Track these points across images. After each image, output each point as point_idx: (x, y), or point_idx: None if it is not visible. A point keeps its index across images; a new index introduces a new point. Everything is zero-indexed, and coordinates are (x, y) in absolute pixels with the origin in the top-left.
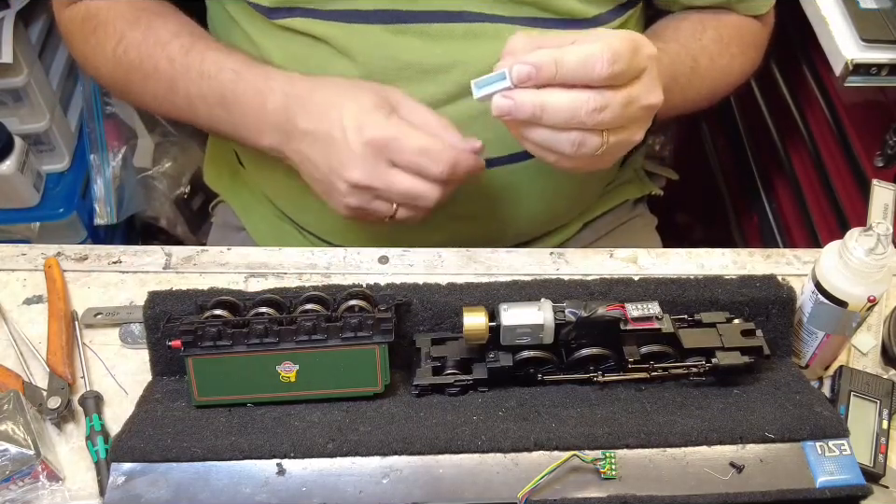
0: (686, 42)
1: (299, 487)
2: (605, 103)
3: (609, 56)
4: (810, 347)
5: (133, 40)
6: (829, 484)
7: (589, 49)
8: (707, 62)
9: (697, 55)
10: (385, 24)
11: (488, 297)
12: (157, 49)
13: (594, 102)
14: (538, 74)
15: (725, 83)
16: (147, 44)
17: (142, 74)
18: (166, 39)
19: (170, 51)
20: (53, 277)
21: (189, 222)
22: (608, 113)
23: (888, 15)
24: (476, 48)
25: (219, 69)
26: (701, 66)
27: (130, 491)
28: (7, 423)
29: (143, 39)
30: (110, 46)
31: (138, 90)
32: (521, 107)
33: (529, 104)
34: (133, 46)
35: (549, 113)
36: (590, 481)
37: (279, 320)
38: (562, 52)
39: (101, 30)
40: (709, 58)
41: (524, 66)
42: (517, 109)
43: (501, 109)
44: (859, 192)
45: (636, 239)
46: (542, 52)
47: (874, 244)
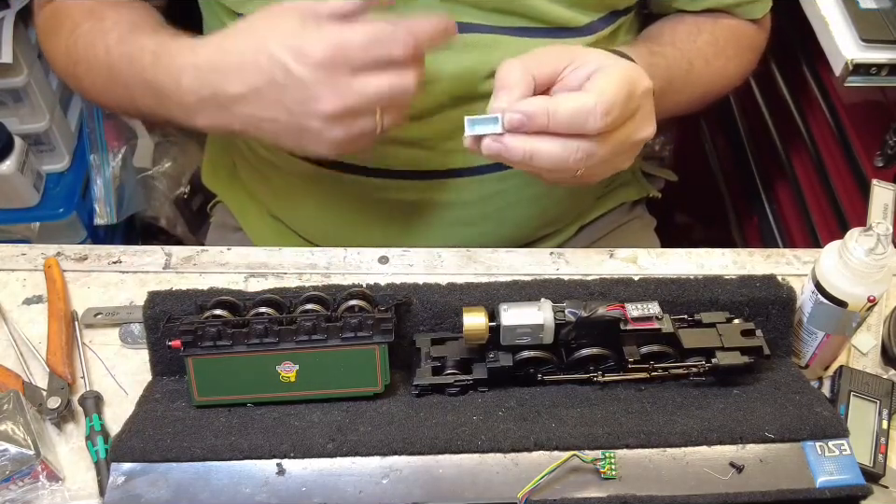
0: (682, 45)
1: (299, 487)
2: (594, 151)
3: (603, 109)
4: (810, 347)
5: (81, 31)
6: (829, 484)
7: (582, 101)
8: (702, 64)
9: (693, 58)
10: None
11: (488, 297)
12: (98, 38)
13: (582, 152)
14: (529, 123)
15: (720, 86)
16: (92, 33)
17: (86, 65)
18: (108, 28)
19: (109, 40)
20: (53, 277)
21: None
22: (595, 159)
23: (888, 15)
24: (468, 57)
25: (141, 52)
26: (696, 69)
27: (130, 491)
28: (7, 423)
29: (89, 29)
30: (63, 39)
31: (86, 83)
32: (511, 153)
33: (520, 150)
34: (81, 37)
35: (537, 160)
36: (590, 481)
37: (279, 320)
38: (555, 104)
39: (60, 23)
40: (704, 60)
41: (515, 115)
42: (507, 154)
43: (490, 151)
44: (859, 192)
45: (634, 241)
46: (535, 102)
47: (874, 244)
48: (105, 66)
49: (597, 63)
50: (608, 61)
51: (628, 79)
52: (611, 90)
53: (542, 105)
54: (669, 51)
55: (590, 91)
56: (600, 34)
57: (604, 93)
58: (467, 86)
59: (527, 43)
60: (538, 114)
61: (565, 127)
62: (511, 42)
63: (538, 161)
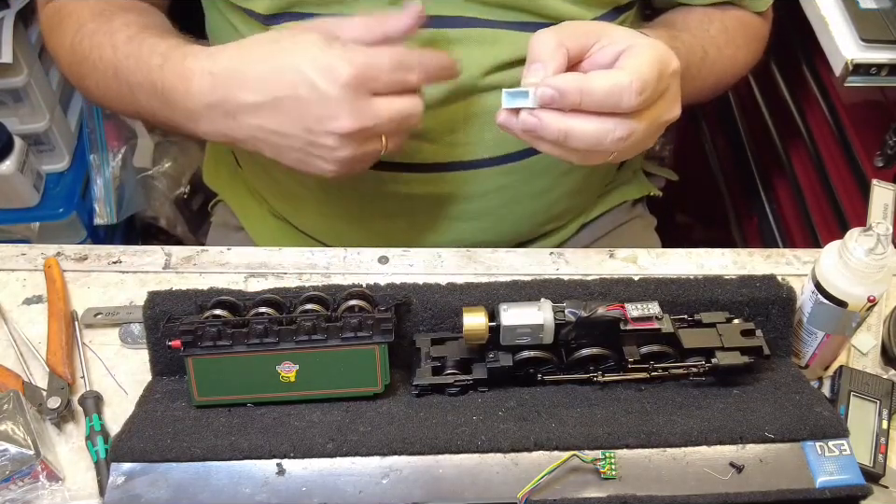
0: (696, 32)
1: (299, 487)
2: (630, 131)
3: (638, 87)
4: (810, 347)
5: (87, 30)
6: (829, 484)
7: (616, 78)
8: (715, 52)
9: (707, 45)
10: None
11: (488, 297)
12: (105, 39)
13: (619, 132)
14: (561, 99)
15: (731, 74)
16: (98, 33)
17: (90, 64)
18: (116, 28)
19: (115, 40)
20: (53, 277)
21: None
22: (631, 139)
23: (887, 15)
24: (471, 52)
25: (150, 54)
26: (710, 56)
27: (130, 491)
28: (7, 423)
29: (95, 29)
30: (68, 37)
31: (90, 82)
32: (546, 129)
33: (555, 128)
34: (86, 36)
35: (573, 139)
36: (590, 481)
37: (279, 320)
38: (589, 81)
39: (65, 22)
40: (717, 48)
41: (548, 90)
42: (542, 130)
43: (527, 126)
44: (859, 192)
45: (635, 240)
46: (568, 78)
47: (873, 244)
48: (111, 65)
49: (628, 41)
50: (638, 39)
51: (659, 58)
52: (644, 68)
53: (576, 83)
54: (686, 37)
55: (624, 68)
56: None
57: (638, 71)
58: (470, 80)
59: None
60: (570, 91)
61: (599, 104)
62: (514, 37)
63: (572, 141)
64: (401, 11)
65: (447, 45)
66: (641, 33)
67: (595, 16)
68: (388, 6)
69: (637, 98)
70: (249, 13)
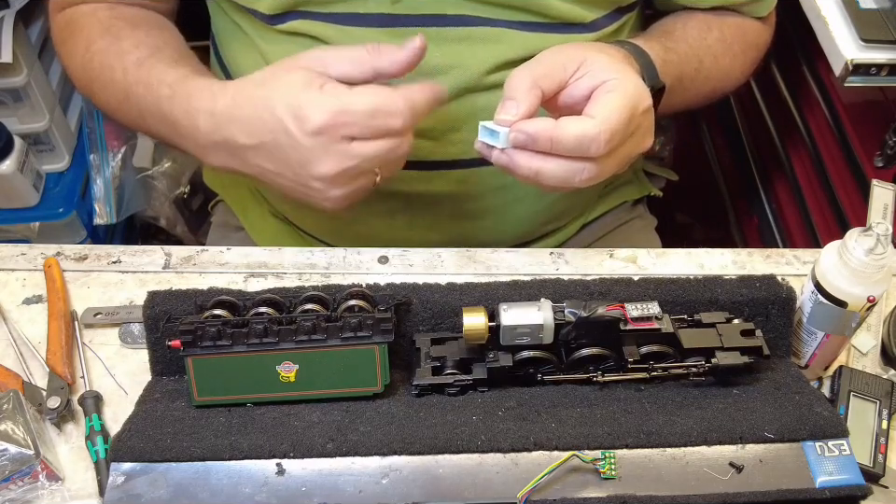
0: (693, 42)
1: (298, 487)
2: (598, 172)
3: (606, 137)
4: (810, 347)
5: (98, 49)
6: (828, 484)
7: (585, 128)
8: (710, 62)
9: (703, 56)
10: (384, 27)
11: (488, 297)
12: (116, 60)
13: (587, 173)
14: (533, 144)
15: (727, 83)
16: (109, 53)
17: (101, 83)
18: (127, 50)
19: (126, 63)
20: (53, 277)
21: (189, 222)
22: (598, 178)
23: (887, 15)
24: (474, 51)
25: (159, 84)
26: (705, 67)
27: (129, 491)
28: (7, 423)
29: (106, 48)
30: (79, 52)
31: (100, 98)
32: (517, 169)
33: (525, 168)
34: (97, 54)
35: (543, 178)
36: (589, 481)
37: (279, 320)
38: (560, 130)
39: (76, 35)
40: (713, 58)
41: (519, 135)
42: (514, 169)
43: (499, 163)
44: (858, 192)
45: (635, 240)
46: (540, 124)
47: (873, 244)
48: (122, 89)
49: (604, 75)
50: (614, 75)
51: (631, 101)
52: (614, 116)
53: (547, 130)
54: (682, 48)
55: (594, 115)
56: (605, 30)
57: (607, 120)
58: (472, 79)
59: (532, 38)
60: (541, 138)
61: (568, 152)
62: (515, 36)
63: (543, 180)
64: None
65: (450, 43)
66: (633, 44)
67: (596, 16)
68: (392, 4)
69: (605, 147)
70: (253, 13)
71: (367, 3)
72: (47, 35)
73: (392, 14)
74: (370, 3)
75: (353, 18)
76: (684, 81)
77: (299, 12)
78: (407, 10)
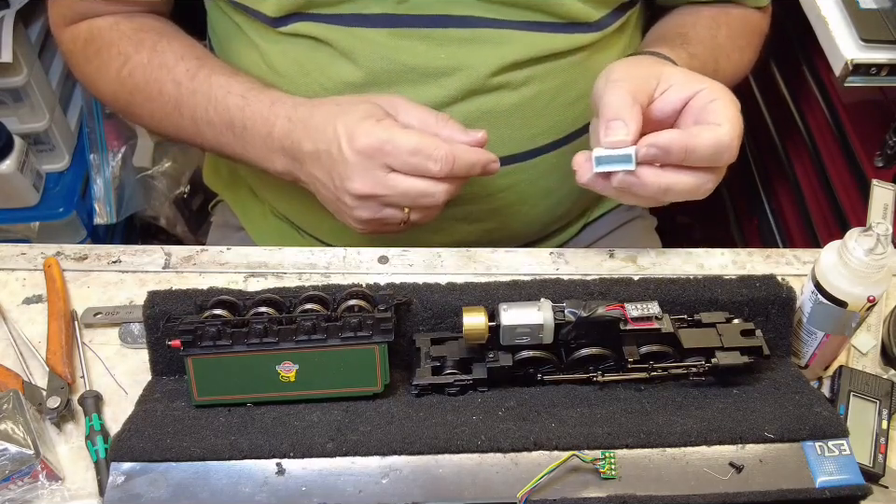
0: (708, 42)
1: (298, 487)
2: (718, 181)
3: (738, 143)
4: (810, 347)
5: (138, 62)
6: (828, 484)
7: (719, 136)
8: (724, 61)
9: (718, 55)
10: (389, 28)
11: (488, 297)
12: (162, 73)
13: (711, 184)
14: (665, 157)
15: (737, 77)
16: (152, 66)
17: (146, 96)
18: (172, 62)
19: (176, 75)
20: (53, 277)
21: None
22: (714, 187)
23: (887, 15)
24: (479, 52)
25: (226, 94)
26: (721, 67)
27: (129, 490)
28: (7, 422)
29: (148, 62)
30: (114, 67)
31: (142, 111)
32: (645, 189)
33: (654, 185)
34: (138, 68)
35: (671, 195)
36: (589, 481)
37: (279, 320)
38: (693, 139)
39: (105, 52)
40: (726, 56)
41: (652, 149)
42: (641, 189)
43: (625, 186)
44: (858, 192)
45: (635, 240)
46: (672, 136)
47: (873, 244)
48: (173, 99)
49: (693, 85)
50: (702, 83)
51: (737, 106)
52: (737, 121)
53: (681, 140)
54: (700, 51)
55: (722, 124)
56: (609, 28)
57: (736, 127)
58: (477, 80)
59: (538, 38)
60: (675, 149)
61: (702, 161)
62: (521, 37)
63: (671, 196)
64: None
65: (455, 45)
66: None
67: (601, 14)
68: (397, 4)
69: (735, 153)
70: (256, 15)
71: (371, 4)
72: (47, 34)
73: (397, 15)
74: (374, 4)
75: (358, 19)
76: None
77: (303, 14)
78: (412, 11)
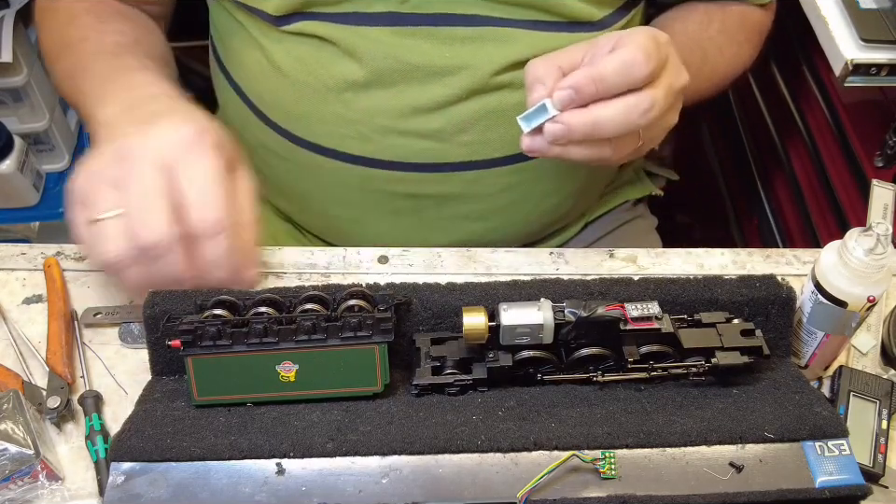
0: (694, 35)
1: (298, 487)
2: (652, 100)
3: (643, 56)
4: (810, 347)
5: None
6: (828, 484)
7: (622, 56)
8: (715, 52)
9: (706, 46)
10: (393, 27)
11: (488, 296)
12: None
13: (642, 104)
14: (579, 95)
15: (733, 71)
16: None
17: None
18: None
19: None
20: (53, 277)
21: None
22: (656, 109)
23: (887, 15)
24: (484, 50)
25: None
26: (710, 57)
27: (129, 490)
28: (7, 422)
29: (90, 24)
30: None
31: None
32: (574, 128)
33: (582, 122)
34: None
35: (602, 127)
36: (589, 480)
37: (279, 320)
38: (598, 68)
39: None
40: (717, 48)
41: (563, 92)
42: (571, 131)
43: (555, 134)
44: (858, 192)
45: (636, 240)
46: (578, 74)
47: (873, 244)
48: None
49: (614, 37)
50: (622, 32)
51: (646, 31)
52: (641, 39)
53: (586, 74)
54: (680, 40)
55: (626, 45)
56: (613, 27)
57: (636, 43)
58: (481, 80)
59: (542, 37)
60: (584, 83)
61: (614, 85)
62: (525, 36)
63: (603, 129)
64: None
65: (460, 43)
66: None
67: (605, 13)
68: (401, 3)
69: (647, 66)
70: (258, 13)
71: (375, 2)
72: None
73: (401, 13)
74: (378, 2)
75: (361, 17)
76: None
77: (306, 13)
78: (416, 9)
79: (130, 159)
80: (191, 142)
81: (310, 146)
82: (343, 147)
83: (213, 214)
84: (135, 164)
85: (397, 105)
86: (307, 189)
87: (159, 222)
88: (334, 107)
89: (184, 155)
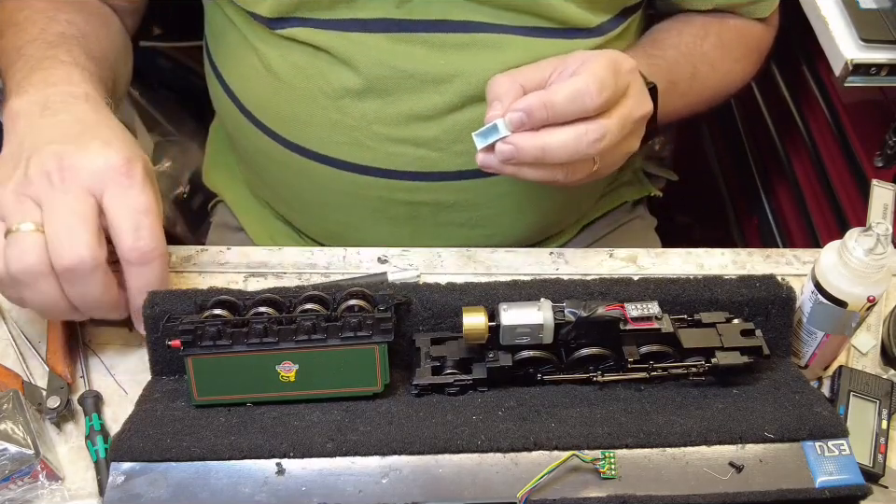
0: (686, 48)
1: (298, 487)
2: (603, 130)
3: (597, 87)
4: (810, 347)
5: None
6: (828, 484)
7: (575, 84)
8: (707, 68)
9: (697, 62)
10: (387, 33)
11: (488, 297)
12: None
13: (592, 133)
14: (530, 118)
15: (727, 88)
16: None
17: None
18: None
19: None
20: None
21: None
22: (607, 139)
23: (887, 15)
24: (479, 57)
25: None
26: (701, 73)
27: (129, 490)
28: (7, 422)
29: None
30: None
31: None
32: (523, 151)
33: (530, 146)
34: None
35: (550, 153)
36: (589, 480)
37: (279, 320)
38: (550, 94)
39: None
40: (710, 64)
41: (515, 114)
42: (520, 153)
43: (504, 155)
44: (858, 192)
45: (635, 241)
46: (531, 97)
47: (873, 244)
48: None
49: (580, 59)
50: (588, 54)
51: (610, 59)
52: (598, 69)
53: (539, 98)
54: (670, 54)
55: (580, 74)
56: (609, 34)
57: (593, 73)
58: (476, 87)
59: (538, 43)
60: (536, 107)
61: (565, 112)
62: (521, 42)
63: (551, 155)
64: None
65: (455, 50)
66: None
67: (602, 20)
68: (395, 8)
69: (599, 97)
70: (254, 16)
71: (369, 8)
72: None
73: (395, 19)
74: (372, 8)
75: (355, 23)
76: (680, 85)
77: (299, 19)
78: (411, 16)
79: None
80: (120, 171)
81: (304, 151)
82: (338, 153)
83: (146, 243)
84: (64, 185)
85: (392, 113)
86: (304, 194)
87: (82, 245)
88: (330, 114)
89: (113, 183)
